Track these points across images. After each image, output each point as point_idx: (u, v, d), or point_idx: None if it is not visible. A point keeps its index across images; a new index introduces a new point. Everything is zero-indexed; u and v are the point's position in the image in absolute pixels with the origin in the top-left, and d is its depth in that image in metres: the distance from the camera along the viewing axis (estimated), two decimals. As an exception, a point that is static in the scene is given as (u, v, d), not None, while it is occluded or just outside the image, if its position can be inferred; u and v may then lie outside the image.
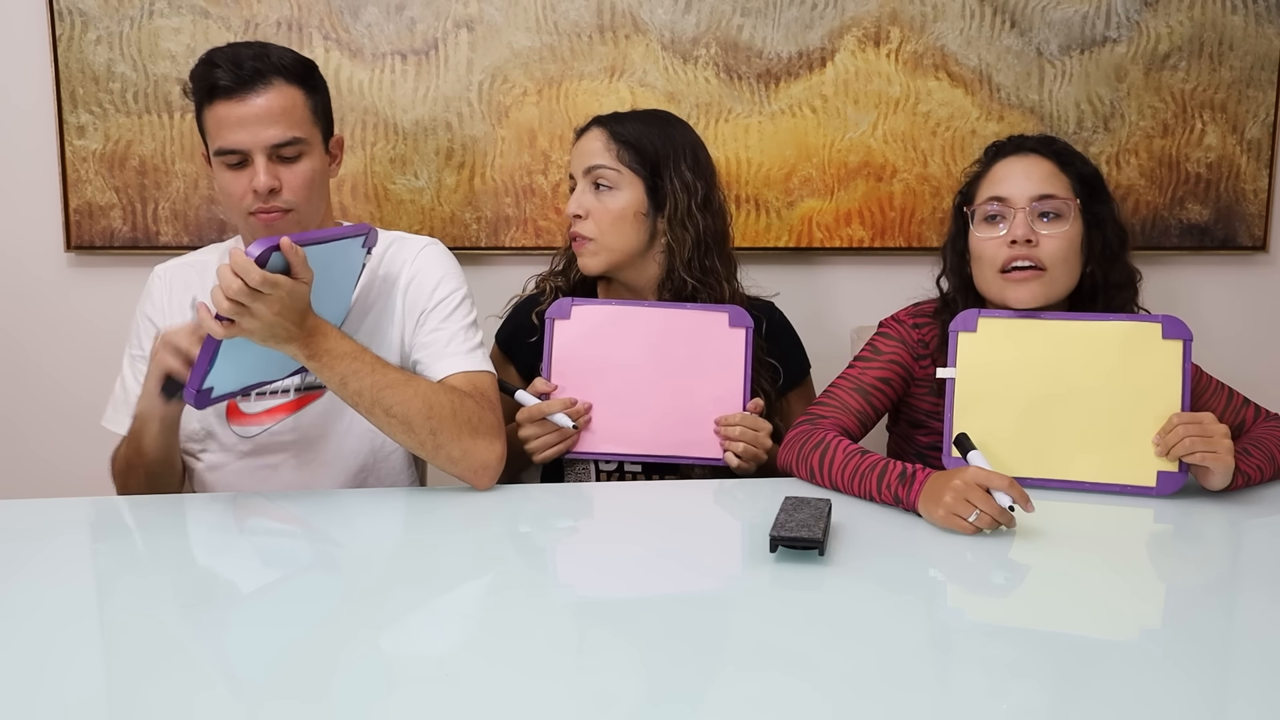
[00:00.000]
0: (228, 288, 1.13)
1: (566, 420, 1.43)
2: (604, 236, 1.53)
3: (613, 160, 1.53)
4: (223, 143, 1.34)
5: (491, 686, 0.82)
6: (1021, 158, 1.45)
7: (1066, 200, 1.41)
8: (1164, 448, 1.29)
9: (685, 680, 0.84)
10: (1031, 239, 1.38)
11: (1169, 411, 1.31)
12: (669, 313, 1.49)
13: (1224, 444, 1.27)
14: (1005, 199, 1.42)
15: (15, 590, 1.02)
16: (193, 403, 1.19)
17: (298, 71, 1.38)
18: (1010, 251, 1.39)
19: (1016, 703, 0.81)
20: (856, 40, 1.90)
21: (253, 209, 1.36)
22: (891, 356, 1.49)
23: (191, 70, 1.38)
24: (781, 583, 1.04)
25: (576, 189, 1.55)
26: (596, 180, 1.53)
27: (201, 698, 0.81)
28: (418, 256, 1.47)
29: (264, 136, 1.34)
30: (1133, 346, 1.34)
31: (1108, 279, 1.44)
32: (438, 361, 1.40)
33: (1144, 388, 1.33)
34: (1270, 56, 1.95)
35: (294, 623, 0.95)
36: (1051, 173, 1.43)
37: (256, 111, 1.33)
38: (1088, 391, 1.34)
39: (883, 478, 1.26)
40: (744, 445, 1.43)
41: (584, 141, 1.57)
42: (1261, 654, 0.89)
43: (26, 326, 1.91)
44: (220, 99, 1.33)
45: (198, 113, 1.39)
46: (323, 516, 1.28)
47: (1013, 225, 1.40)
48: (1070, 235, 1.41)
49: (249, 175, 1.35)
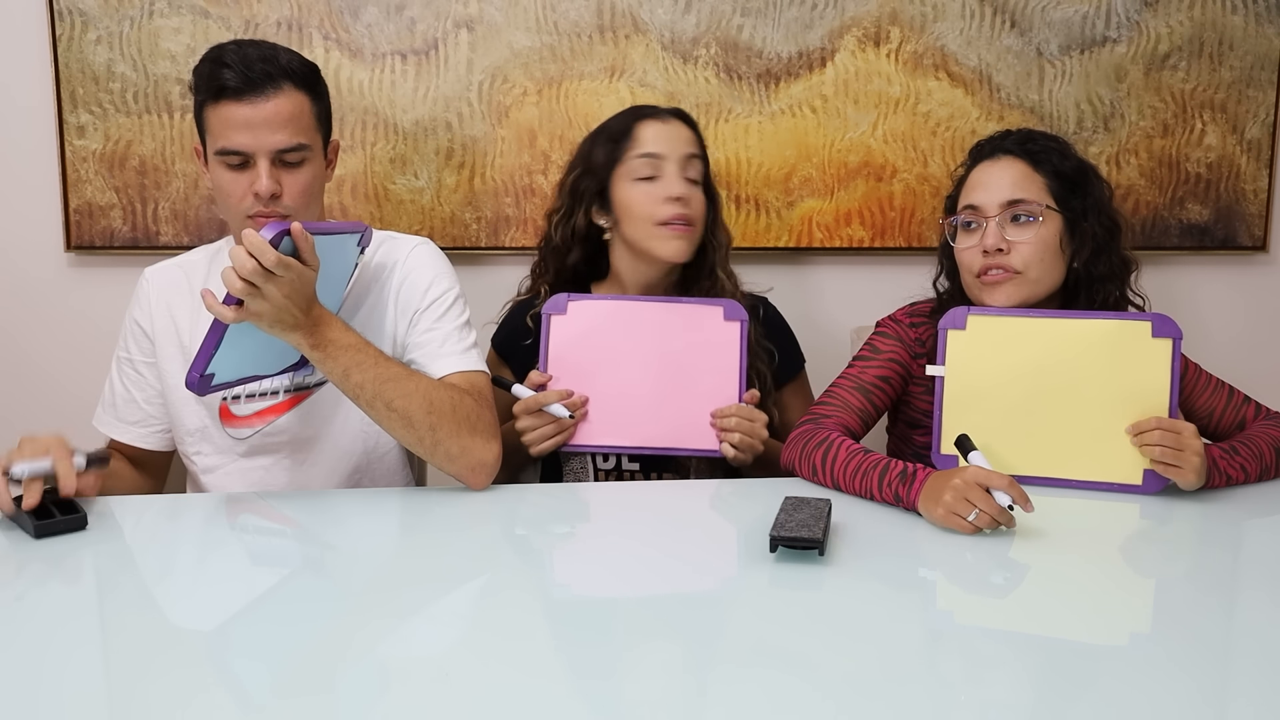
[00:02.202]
0: (242, 267, 1.13)
1: (562, 410, 1.43)
2: (698, 225, 1.54)
3: (700, 153, 1.55)
4: (227, 143, 1.33)
5: (489, 687, 0.82)
6: (995, 162, 1.46)
7: (1037, 203, 1.42)
8: (1136, 441, 1.30)
9: (685, 680, 0.84)
10: (1003, 247, 1.41)
11: (1157, 410, 1.32)
12: (664, 307, 1.49)
13: (1191, 460, 1.27)
14: (977, 208, 1.44)
15: (14, 590, 1.02)
16: (195, 389, 1.19)
17: (305, 76, 1.37)
18: (985, 260, 1.42)
19: (1017, 702, 0.80)
20: (856, 40, 1.90)
21: (251, 212, 1.35)
22: (890, 355, 1.50)
23: (197, 66, 1.36)
24: (781, 583, 1.04)
25: (668, 173, 1.51)
26: (690, 172, 1.52)
27: (199, 698, 0.81)
28: (409, 256, 1.46)
29: (270, 141, 1.33)
30: (1122, 344, 1.34)
31: (1091, 272, 1.44)
32: (433, 361, 1.40)
33: (1133, 386, 1.33)
34: (1270, 56, 1.95)
35: (291, 623, 0.95)
36: (1024, 175, 1.44)
37: (265, 115, 1.32)
38: (1077, 389, 1.34)
39: (883, 476, 1.26)
40: (740, 436, 1.43)
41: (675, 128, 1.54)
42: (1261, 653, 0.89)
43: (26, 326, 1.91)
44: (228, 99, 1.32)
45: (199, 109, 1.38)
46: (320, 517, 1.28)
47: (984, 234, 1.42)
48: (1043, 236, 1.41)
49: (249, 178, 1.34)
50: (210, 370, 1.19)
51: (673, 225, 1.50)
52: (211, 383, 1.21)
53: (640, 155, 1.51)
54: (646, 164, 1.51)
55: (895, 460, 1.27)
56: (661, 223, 1.50)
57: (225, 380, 1.25)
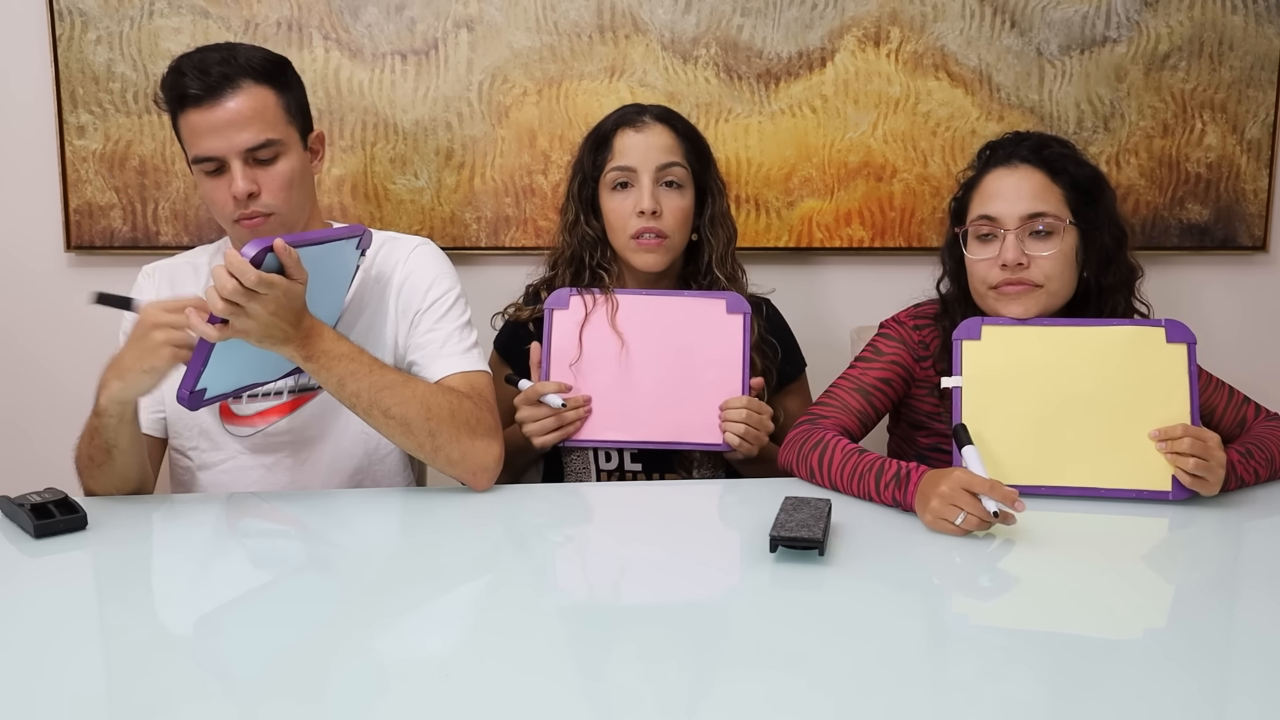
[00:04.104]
0: (223, 288, 1.13)
1: (557, 400, 1.42)
2: (675, 234, 1.52)
3: (681, 158, 1.53)
4: (198, 150, 1.33)
5: (490, 687, 0.82)
6: (1012, 170, 1.42)
7: (1058, 217, 1.39)
8: (1167, 450, 1.28)
9: (685, 680, 0.84)
10: (1023, 262, 1.37)
11: (1177, 416, 1.30)
12: (667, 300, 1.49)
13: (1218, 472, 1.27)
14: (995, 219, 1.40)
15: (13, 590, 1.02)
16: (186, 404, 1.19)
17: (267, 70, 1.36)
18: (1003, 274, 1.38)
19: (1017, 703, 0.80)
20: (856, 40, 1.90)
21: (235, 216, 1.35)
22: (893, 357, 1.49)
23: (161, 79, 1.37)
24: (781, 583, 1.04)
25: (642, 185, 1.50)
26: (668, 179, 1.51)
27: (198, 698, 0.81)
28: (410, 257, 1.46)
29: (237, 141, 1.32)
30: (1137, 351, 1.33)
31: (1101, 283, 1.43)
32: (434, 362, 1.40)
33: (1150, 392, 1.31)
34: (1270, 56, 1.95)
35: (290, 623, 0.95)
36: (1043, 186, 1.40)
37: (228, 116, 1.32)
38: (1094, 397, 1.32)
39: (880, 478, 1.26)
40: (745, 427, 1.42)
41: (651, 136, 1.52)
42: (1262, 654, 0.89)
43: (27, 326, 1.91)
44: (191, 107, 1.32)
45: (174, 122, 1.38)
46: (321, 517, 1.28)
47: (1004, 249, 1.38)
48: (1063, 251, 1.39)
49: (227, 181, 1.34)
50: (201, 385, 1.19)
51: (642, 240, 1.50)
52: (204, 397, 1.21)
53: (615, 168, 1.52)
54: (621, 175, 1.52)
55: (890, 460, 1.27)
56: (633, 235, 1.50)
57: (219, 393, 1.25)
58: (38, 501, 1.18)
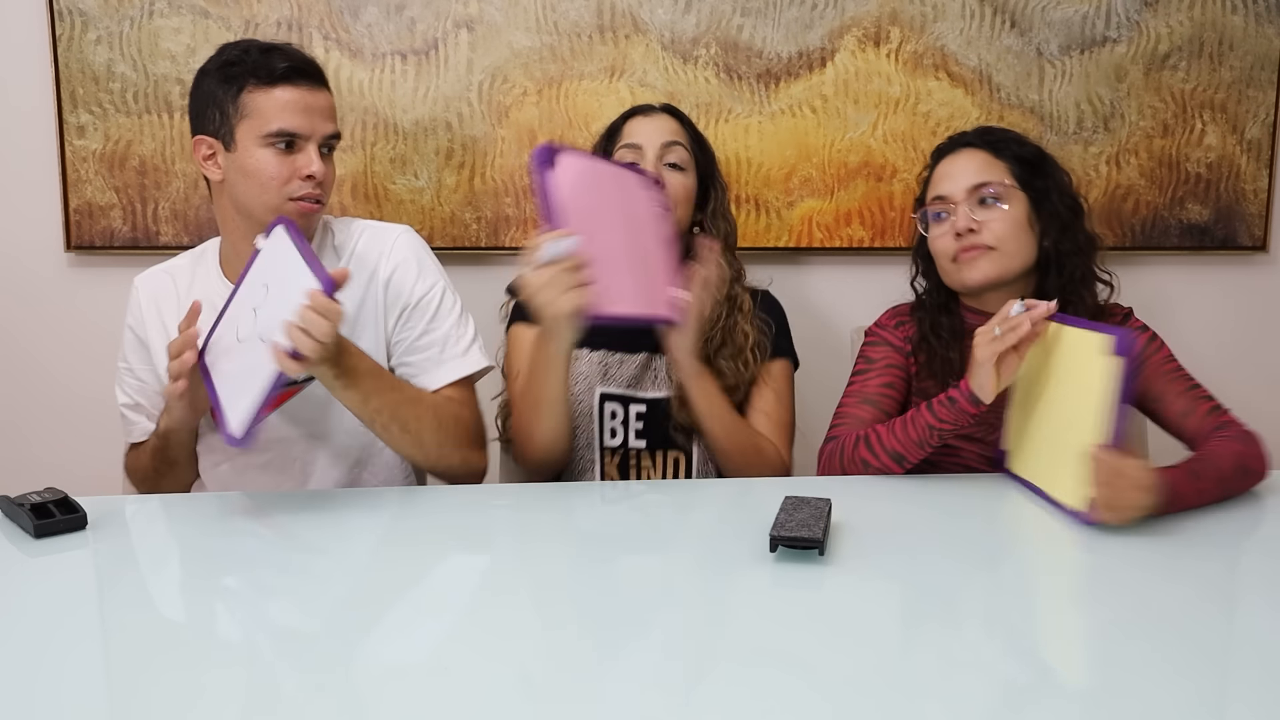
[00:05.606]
0: (321, 332, 1.14)
1: (555, 246, 1.25)
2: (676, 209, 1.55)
3: (685, 141, 1.58)
4: (281, 124, 1.35)
5: (489, 687, 0.82)
6: (957, 155, 1.50)
7: (1002, 183, 1.45)
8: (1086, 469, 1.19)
9: (685, 679, 0.84)
10: (974, 227, 1.44)
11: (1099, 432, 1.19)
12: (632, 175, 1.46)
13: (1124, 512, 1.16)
14: (945, 196, 1.47)
15: (13, 590, 1.02)
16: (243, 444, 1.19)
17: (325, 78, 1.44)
18: (958, 243, 1.45)
19: (1016, 703, 0.80)
20: (856, 40, 1.90)
21: (297, 194, 1.37)
22: (886, 361, 1.53)
23: (231, 54, 1.38)
24: (781, 583, 1.04)
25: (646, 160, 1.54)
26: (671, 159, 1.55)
27: (198, 697, 0.81)
28: (394, 248, 1.47)
29: (322, 128, 1.39)
30: (1089, 355, 1.22)
31: (1060, 249, 1.46)
32: (436, 369, 1.41)
33: (1088, 402, 1.22)
34: (1270, 56, 1.95)
35: (289, 622, 0.95)
36: (986, 162, 1.47)
37: (319, 103, 1.39)
38: (1052, 399, 1.30)
39: (931, 409, 1.33)
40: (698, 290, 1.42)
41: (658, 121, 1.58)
42: (1259, 658, 0.89)
43: (27, 326, 1.91)
44: (283, 84, 1.35)
45: (234, 95, 1.36)
46: (320, 516, 1.28)
47: (955, 218, 1.45)
48: (1013, 214, 1.44)
49: (293, 161, 1.37)
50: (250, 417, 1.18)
51: None
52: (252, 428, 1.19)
53: (623, 146, 1.57)
54: (629, 153, 1.56)
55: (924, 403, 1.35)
56: None
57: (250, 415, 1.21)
58: (38, 501, 1.18)
